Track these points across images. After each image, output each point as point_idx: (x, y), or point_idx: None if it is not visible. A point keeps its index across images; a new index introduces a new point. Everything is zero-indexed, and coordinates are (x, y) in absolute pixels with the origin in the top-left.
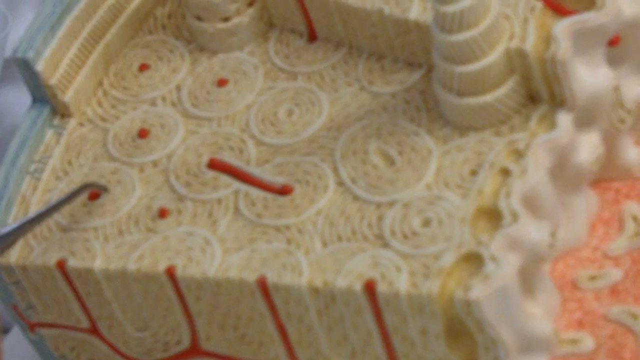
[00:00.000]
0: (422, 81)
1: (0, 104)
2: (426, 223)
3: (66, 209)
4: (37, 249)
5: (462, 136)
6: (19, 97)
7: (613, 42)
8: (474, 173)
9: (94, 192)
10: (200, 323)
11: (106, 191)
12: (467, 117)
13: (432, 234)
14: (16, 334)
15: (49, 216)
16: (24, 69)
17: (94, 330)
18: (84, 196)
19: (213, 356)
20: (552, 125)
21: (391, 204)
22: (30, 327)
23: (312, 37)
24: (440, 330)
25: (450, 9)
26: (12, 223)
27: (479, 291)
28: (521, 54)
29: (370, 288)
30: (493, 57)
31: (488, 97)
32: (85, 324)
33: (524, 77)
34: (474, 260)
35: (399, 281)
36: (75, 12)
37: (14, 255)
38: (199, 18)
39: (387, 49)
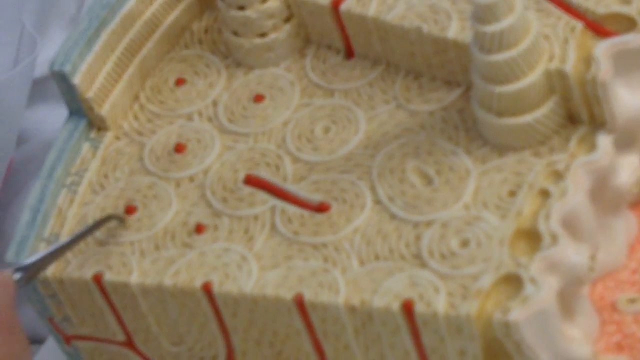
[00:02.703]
0: (460, 100)
1: (31, 122)
2: (464, 244)
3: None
4: (74, 263)
5: (500, 156)
6: (50, 116)
7: None
8: (512, 194)
9: (130, 206)
10: (236, 339)
11: (123, 222)
12: (506, 137)
13: (470, 254)
14: (51, 346)
15: (71, 247)
16: (61, 83)
17: (129, 344)
18: (120, 210)
19: None
20: (592, 146)
21: (429, 223)
22: (66, 340)
23: (349, 53)
24: (478, 351)
25: (490, 28)
26: (49, 236)
27: (518, 313)
28: (561, 75)
29: (408, 308)
30: (532, 77)
31: (527, 118)
32: (120, 337)
33: (563, 98)
34: (512, 282)
35: (437, 302)
36: (112, 26)
37: (51, 268)
38: (235, 33)
39: (424, 67)
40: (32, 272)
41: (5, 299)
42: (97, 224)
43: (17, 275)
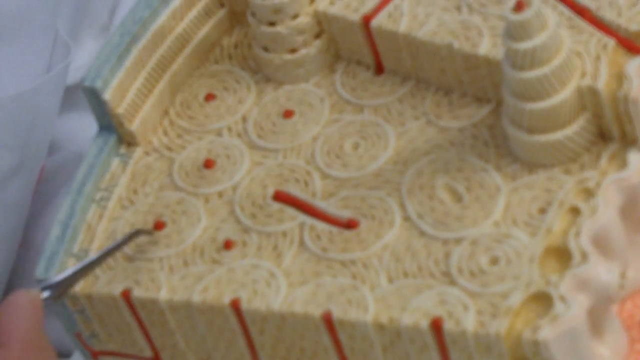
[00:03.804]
0: (490, 116)
1: (64, 130)
2: (494, 261)
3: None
4: (103, 279)
5: (531, 173)
6: (82, 124)
7: None
8: (543, 211)
9: (159, 222)
10: (263, 356)
11: (152, 235)
12: (536, 154)
13: (500, 272)
14: None
15: (100, 264)
16: (91, 98)
17: None
18: (149, 225)
19: None
20: (623, 164)
21: (458, 241)
22: (93, 356)
23: (379, 69)
24: None
25: (522, 46)
26: (78, 251)
27: (547, 332)
28: (593, 92)
29: (437, 326)
30: (564, 94)
31: (558, 135)
32: (148, 353)
33: (595, 115)
34: (542, 300)
35: (466, 320)
36: (143, 42)
37: (79, 284)
38: (265, 49)
39: (455, 83)
40: (60, 289)
41: (34, 318)
42: (126, 240)
43: (46, 294)
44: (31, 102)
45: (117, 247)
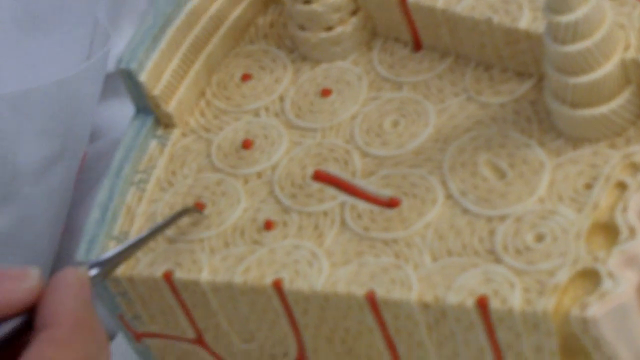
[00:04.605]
0: (532, 91)
1: (104, 117)
2: (540, 238)
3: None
4: (144, 261)
5: (575, 148)
6: (123, 111)
7: None
8: (588, 187)
9: (199, 203)
10: (307, 336)
11: (201, 214)
12: (580, 129)
13: (546, 249)
14: (120, 343)
15: (148, 241)
16: (127, 80)
17: (200, 341)
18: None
19: None
20: None
21: (502, 218)
22: (136, 337)
23: (417, 46)
24: (555, 347)
25: (564, 19)
26: (118, 234)
27: (596, 309)
28: (637, 65)
29: (482, 305)
30: (608, 68)
31: (603, 109)
32: (191, 334)
33: (639, 88)
34: (590, 277)
35: (512, 298)
36: (177, 23)
37: (121, 266)
38: (301, 27)
39: (495, 58)
40: (108, 267)
41: (83, 296)
42: (175, 218)
43: (94, 272)
44: (72, 90)
45: (166, 225)
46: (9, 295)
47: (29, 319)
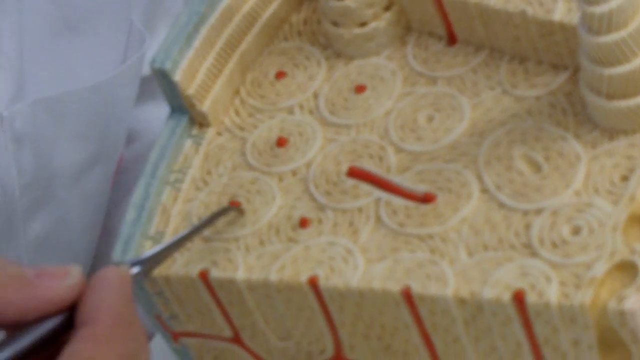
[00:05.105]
0: (567, 83)
1: (141, 120)
2: (576, 231)
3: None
4: (180, 260)
5: (611, 140)
6: (159, 114)
7: None
8: (625, 179)
9: (234, 202)
10: (343, 333)
11: (242, 214)
12: (616, 120)
13: (582, 242)
14: (158, 342)
15: (189, 240)
16: (162, 80)
17: (237, 340)
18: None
19: None
20: None
21: (538, 211)
22: (174, 337)
23: (451, 40)
24: (592, 341)
25: (598, 9)
26: (154, 234)
27: (633, 302)
28: None
29: (519, 299)
30: None
31: (639, 100)
32: (228, 333)
33: None
34: (627, 270)
35: (549, 292)
36: (211, 21)
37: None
38: (335, 24)
39: (530, 50)
40: (149, 266)
41: (123, 294)
42: (215, 216)
43: (135, 270)
44: (107, 93)
45: (206, 224)
46: (51, 293)
47: (69, 317)
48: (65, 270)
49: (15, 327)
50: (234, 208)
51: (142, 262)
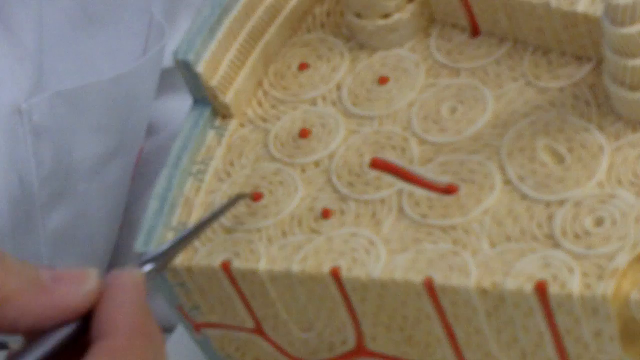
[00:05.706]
0: (591, 75)
1: (161, 112)
2: (599, 222)
3: (229, 211)
4: (202, 251)
5: (634, 131)
6: (180, 106)
7: None
8: None
9: (257, 193)
10: (365, 324)
11: (250, 200)
12: None
13: (605, 233)
14: (181, 333)
15: (203, 231)
16: (185, 71)
17: (259, 331)
18: (247, 198)
19: (379, 357)
20: None
21: (561, 202)
22: (196, 328)
23: (474, 31)
24: (615, 332)
25: (622, 1)
26: (176, 225)
27: None
28: None
29: (541, 290)
30: None
31: None
32: (250, 324)
33: None
34: None
35: (571, 282)
36: (234, 13)
37: (179, 256)
38: (358, 15)
39: (553, 42)
40: (162, 261)
41: (139, 301)
42: (227, 206)
43: (148, 267)
44: (128, 85)
45: (218, 214)
46: (67, 301)
47: (84, 323)
48: (82, 274)
49: (31, 333)
50: (244, 196)
51: (155, 259)
